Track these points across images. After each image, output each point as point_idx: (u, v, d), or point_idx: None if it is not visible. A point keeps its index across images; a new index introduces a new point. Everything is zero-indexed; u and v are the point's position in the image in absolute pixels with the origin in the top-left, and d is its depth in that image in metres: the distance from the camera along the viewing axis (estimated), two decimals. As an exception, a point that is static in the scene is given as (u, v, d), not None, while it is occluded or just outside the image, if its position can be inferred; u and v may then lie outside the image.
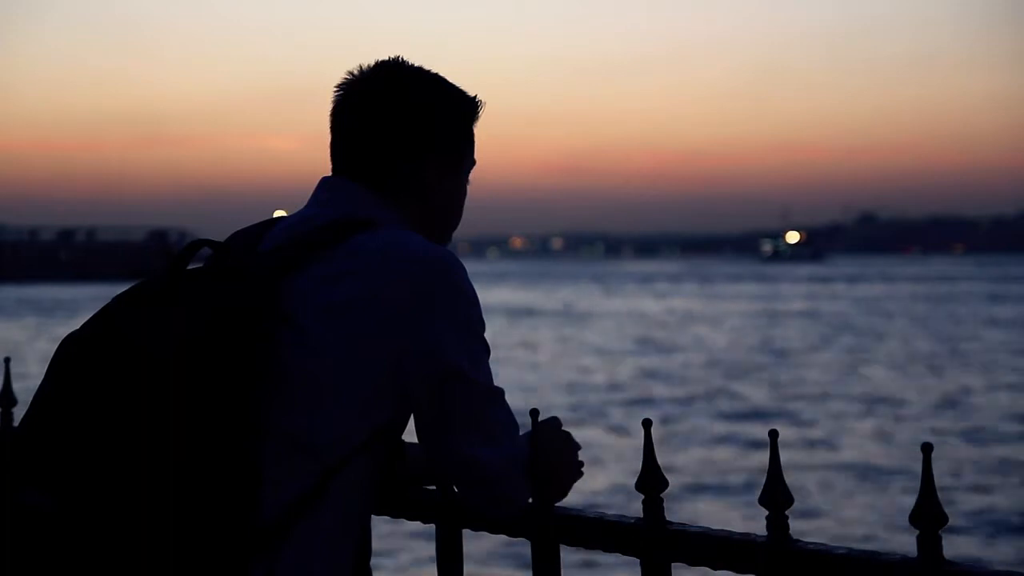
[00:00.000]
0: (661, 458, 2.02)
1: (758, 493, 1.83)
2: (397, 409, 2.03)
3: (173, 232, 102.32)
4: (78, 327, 2.00)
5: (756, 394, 25.67)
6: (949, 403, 24.25)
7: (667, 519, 1.95)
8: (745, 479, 16.07)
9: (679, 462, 17.18)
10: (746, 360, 33.53)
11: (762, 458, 12.22)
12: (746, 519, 13.54)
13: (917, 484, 1.67)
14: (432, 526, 2.24)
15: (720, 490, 15.67)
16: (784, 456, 1.85)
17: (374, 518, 2.19)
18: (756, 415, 22.36)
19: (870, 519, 14.01)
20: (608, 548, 2.02)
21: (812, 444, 19.08)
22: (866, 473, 16.70)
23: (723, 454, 18.30)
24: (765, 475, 1.83)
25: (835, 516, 14.14)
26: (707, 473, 16.72)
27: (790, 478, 1.89)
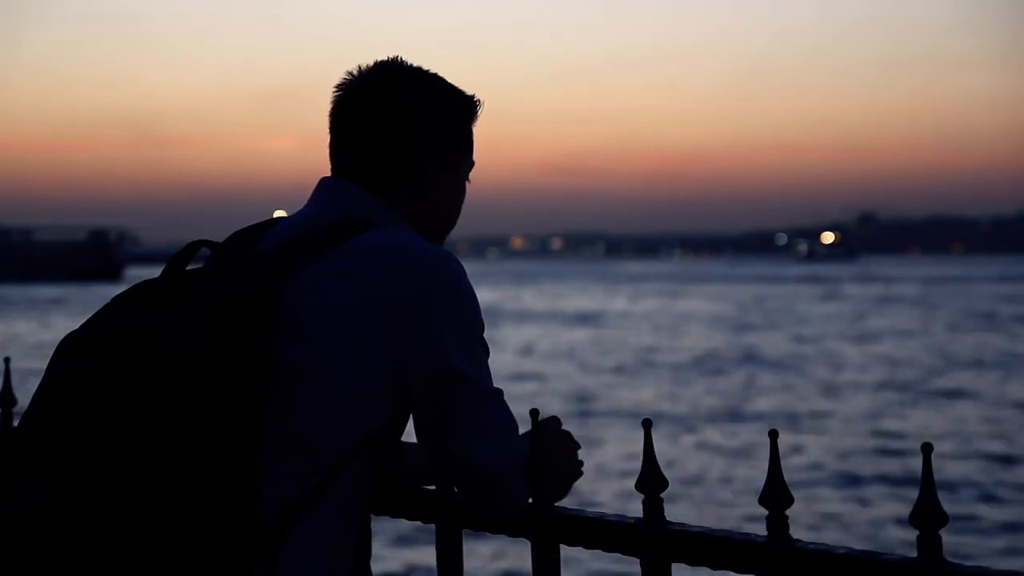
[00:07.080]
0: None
1: None
2: (397, 409, 2.03)
3: (112, 231, 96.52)
4: (77, 327, 2.00)
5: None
6: None
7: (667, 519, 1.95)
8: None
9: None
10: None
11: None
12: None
13: None
14: (432, 526, 2.24)
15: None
16: None
17: (374, 518, 2.19)
18: None
19: None
20: (608, 548, 2.01)
21: None
22: None
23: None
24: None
25: None
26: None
27: None
